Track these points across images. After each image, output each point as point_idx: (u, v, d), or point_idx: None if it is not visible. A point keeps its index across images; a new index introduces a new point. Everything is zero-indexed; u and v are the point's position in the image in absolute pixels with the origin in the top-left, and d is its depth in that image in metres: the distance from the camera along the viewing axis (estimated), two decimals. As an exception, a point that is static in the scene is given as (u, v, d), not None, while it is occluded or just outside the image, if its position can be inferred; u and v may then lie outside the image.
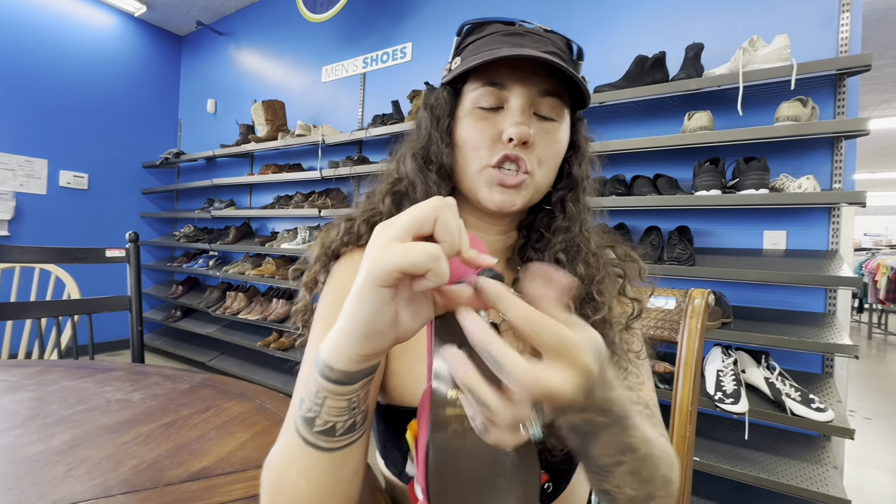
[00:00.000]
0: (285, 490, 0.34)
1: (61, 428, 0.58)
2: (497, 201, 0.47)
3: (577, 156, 0.53)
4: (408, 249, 0.26)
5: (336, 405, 0.32)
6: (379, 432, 0.53)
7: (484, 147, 0.47)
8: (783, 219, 1.58)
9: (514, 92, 0.47)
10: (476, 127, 0.48)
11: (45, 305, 1.22)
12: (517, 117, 0.46)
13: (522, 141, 0.45)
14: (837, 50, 1.50)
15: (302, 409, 0.33)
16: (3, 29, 3.09)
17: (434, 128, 0.51)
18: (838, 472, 1.34)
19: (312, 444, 0.33)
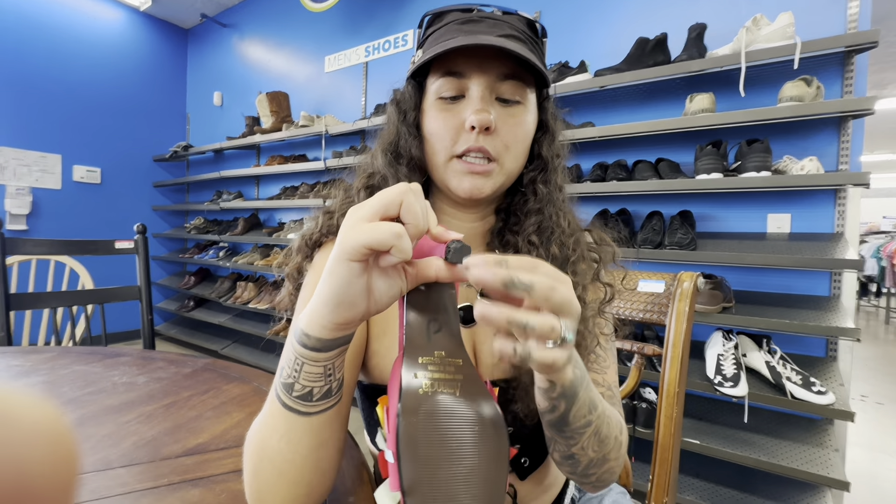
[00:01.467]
0: (267, 455, 0.37)
1: (70, 408, 0.61)
2: (467, 188, 0.48)
3: (547, 136, 0.53)
4: (374, 228, 0.29)
5: (313, 371, 0.34)
6: (364, 410, 0.55)
7: (448, 137, 0.48)
8: (787, 202, 1.56)
9: (473, 80, 0.47)
10: (439, 118, 0.49)
11: (59, 296, 1.27)
12: (477, 105, 0.46)
13: (484, 127, 0.46)
14: (846, 26, 1.46)
15: (282, 376, 0.35)
16: (15, 27, 3.15)
17: (401, 122, 0.52)
18: (839, 455, 1.34)
19: (292, 409, 0.35)
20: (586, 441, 0.41)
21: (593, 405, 0.40)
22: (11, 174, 3.14)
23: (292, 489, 0.37)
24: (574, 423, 0.39)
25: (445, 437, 0.30)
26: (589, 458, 0.43)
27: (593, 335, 0.50)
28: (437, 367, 0.32)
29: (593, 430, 0.41)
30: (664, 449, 0.74)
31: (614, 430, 0.44)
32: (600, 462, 0.44)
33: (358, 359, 0.50)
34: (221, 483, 0.45)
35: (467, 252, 0.32)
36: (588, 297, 0.51)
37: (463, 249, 0.32)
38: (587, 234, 0.58)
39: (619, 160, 1.77)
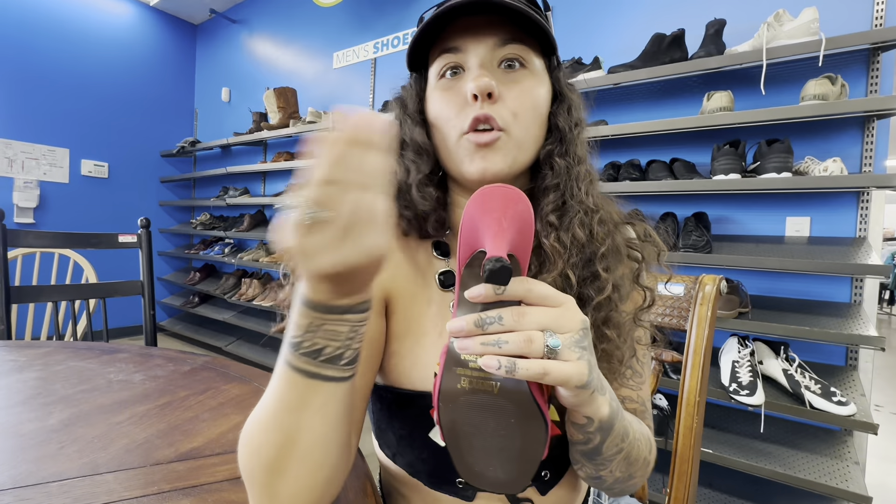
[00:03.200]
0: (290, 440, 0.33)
1: (60, 407, 0.59)
2: (478, 168, 0.44)
3: (562, 106, 0.48)
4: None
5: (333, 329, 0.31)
6: (374, 413, 0.52)
7: (453, 115, 0.45)
8: (807, 204, 1.51)
9: (470, 51, 0.45)
10: (443, 98, 0.46)
11: (61, 289, 1.25)
12: (475, 72, 0.43)
13: (486, 93, 0.42)
14: (872, 23, 1.40)
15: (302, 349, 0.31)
16: (25, 22, 3.16)
17: (404, 112, 0.50)
18: (860, 468, 1.29)
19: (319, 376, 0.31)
20: (615, 465, 0.39)
21: (626, 433, 0.38)
22: (20, 167, 3.15)
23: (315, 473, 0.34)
24: (606, 453, 0.38)
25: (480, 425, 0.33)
26: (615, 477, 0.41)
27: (629, 345, 0.45)
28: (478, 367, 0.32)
29: (623, 456, 0.39)
30: (683, 461, 0.70)
31: (643, 452, 0.42)
32: (625, 479, 0.42)
33: (375, 361, 0.47)
34: (215, 493, 0.42)
35: (506, 274, 0.28)
36: (625, 301, 0.46)
37: (502, 272, 0.28)
38: (629, 227, 0.52)
39: (632, 159, 1.72)
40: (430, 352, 0.46)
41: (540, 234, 0.45)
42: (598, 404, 0.34)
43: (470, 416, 0.33)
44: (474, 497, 0.46)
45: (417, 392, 0.46)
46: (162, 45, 3.98)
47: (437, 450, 0.46)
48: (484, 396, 0.32)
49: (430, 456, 0.47)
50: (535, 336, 0.29)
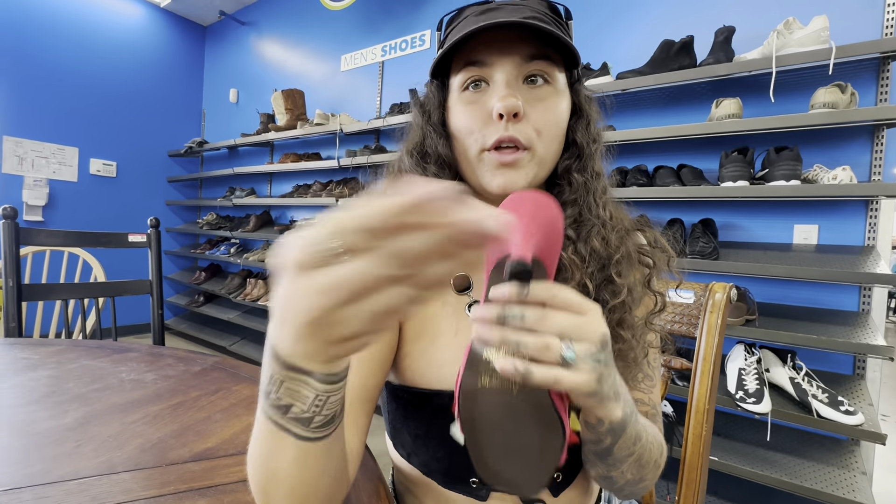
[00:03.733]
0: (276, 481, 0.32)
1: (74, 405, 0.59)
2: (500, 183, 0.45)
3: (581, 121, 0.49)
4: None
5: (336, 398, 0.29)
6: (389, 413, 0.52)
7: (476, 130, 0.45)
8: (816, 212, 1.50)
9: (495, 66, 0.44)
10: (466, 112, 0.46)
11: (70, 287, 1.26)
12: (502, 91, 0.43)
13: (512, 113, 0.42)
14: (882, 31, 1.40)
15: (292, 413, 0.28)
16: (36, 21, 3.19)
17: (426, 122, 0.50)
18: (867, 479, 1.28)
19: (309, 439, 0.29)
20: (626, 467, 0.40)
21: (638, 437, 0.39)
22: (30, 165, 3.18)
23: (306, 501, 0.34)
24: (618, 454, 0.38)
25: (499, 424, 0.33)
26: (626, 479, 0.42)
27: (641, 347, 0.46)
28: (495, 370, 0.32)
29: (635, 458, 0.40)
30: (692, 469, 0.70)
31: (654, 455, 0.43)
32: (636, 482, 0.43)
33: (386, 362, 0.47)
34: (230, 493, 0.42)
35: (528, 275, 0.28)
36: (638, 305, 0.47)
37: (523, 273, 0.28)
38: (640, 234, 0.53)
39: (640, 165, 1.72)
40: (445, 352, 0.47)
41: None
42: (609, 408, 0.34)
43: (489, 415, 0.33)
44: (488, 497, 0.47)
45: (434, 391, 0.46)
46: (171, 46, 4.01)
47: (452, 449, 0.47)
48: (503, 396, 0.33)
49: (446, 455, 0.47)
50: (553, 344, 0.30)
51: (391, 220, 0.19)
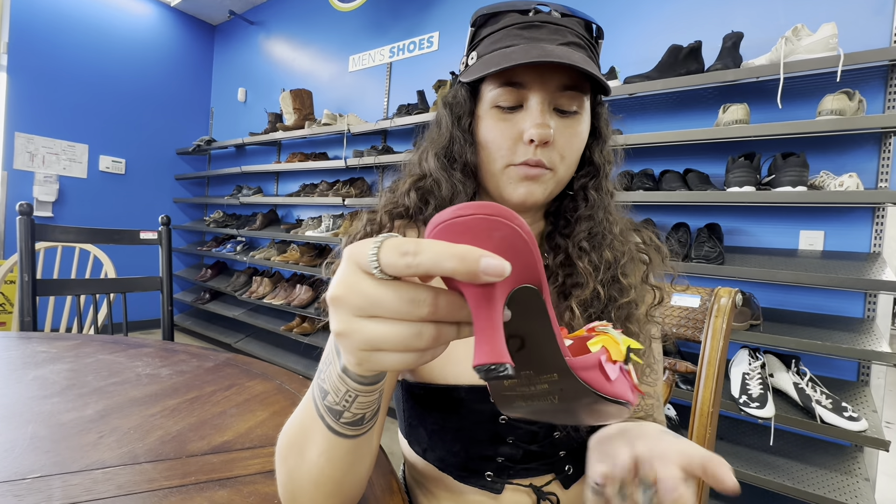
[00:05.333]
0: (305, 468, 0.35)
1: (95, 398, 0.61)
2: (521, 194, 0.47)
3: (599, 142, 0.52)
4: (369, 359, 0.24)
5: (366, 401, 0.31)
6: (405, 411, 0.54)
7: (505, 147, 0.47)
8: (822, 218, 1.50)
9: (534, 91, 0.46)
10: (497, 128, 0.47)
11: (82, 283, 1.28)
12: (537, 118, 0.45)
13: (543, 142, 0.45)
14: (891, 39, 1.40)
15: (327, 400, 0.31)
16: (48, 19, 3.23)
17: (455, 127, 0.50)
18: (870, 485, 1.28)
19: (338, 433, 0.32)
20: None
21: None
22: (40, 162, 3.22)
23: (327, 499, 0.36)
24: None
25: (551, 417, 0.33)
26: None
27: (646, 339, 0.49)
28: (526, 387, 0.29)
29: None
30: (695, 471, 0.71)
31: None
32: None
33: None
34: (249, 485, 0.44)
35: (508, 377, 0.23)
36: (642, 301, 0.51)
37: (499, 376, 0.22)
38: (635, 233, 0.57)
39: (646, 169, 1.73)
40: (459, 348, 0.47)
41: (572, 256, 0.49)
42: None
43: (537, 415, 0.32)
44: (502, 490, 0.48)
45: (450, 386, 0.48)
46: (181, 45, 4.05)
47: (468, 443, 0.48)
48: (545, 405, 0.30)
49: (462, 449, 0.49)
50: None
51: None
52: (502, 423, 0.47)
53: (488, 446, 0.48)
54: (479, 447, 0.48)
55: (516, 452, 0.48)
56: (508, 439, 0.48)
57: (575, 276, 0.49)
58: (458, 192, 0.50)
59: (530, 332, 0.28)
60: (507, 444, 0.48)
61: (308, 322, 2.79)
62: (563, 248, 0.51)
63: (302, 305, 2.74)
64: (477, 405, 0.47)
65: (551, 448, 0.49)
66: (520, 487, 0.49)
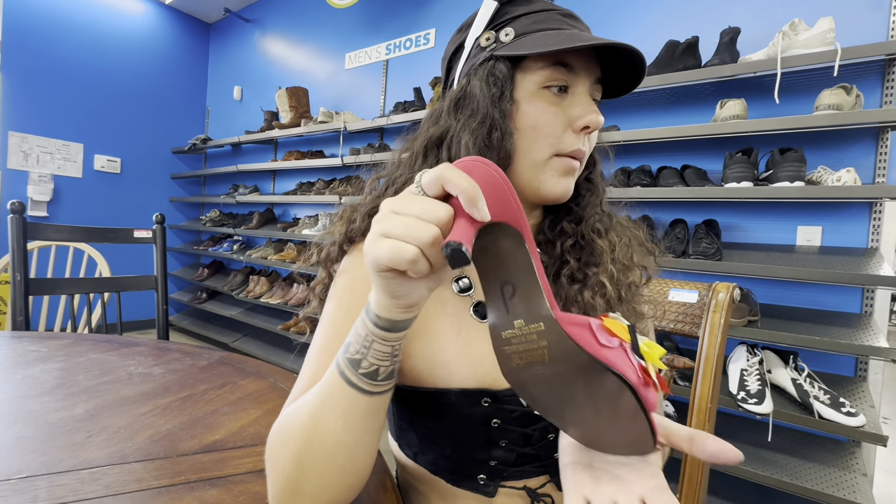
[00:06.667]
0: (319, 437, 0.35)
1: (85, 397, 0.60)
2: (562, 189, 0.47)
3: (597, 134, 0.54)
4: (391, 248, 0.28)
5: (381, 350, 0.34)
6: (394, 413, 0.53)
7: (554, 134, 0.45)
8: (819, 214, 1.50)
9: (582, 77, 0.45)
10: (550, 112, 0.45)
11: (77, 282, 1.27)
12: (591, 104, 0.45)
13: (594, 130, 0.45)
14: (888, 34, 1.40)
15: (349, 351, 0.34)
16: (42, 17, 3.21)
17: (495, 107, 0.45)
18: (868, 480, 1.28)
19: (356, 386, 0.34)
20: None
21: None
22: (35, 161, 3.20)
23: (339, 477, 0.36)
24: None
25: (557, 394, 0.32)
26: None
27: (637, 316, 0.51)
28: (520, 340, 0.32)
29: None
30: (693, 469, 0.70)
31: None
32: None
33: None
34: (240, 484, 0.43)
35: (461, 256, 0.26)
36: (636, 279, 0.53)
37: (456, 254, 0.26)
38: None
39: (643, 165, 1.73)
40: (448, 351, 0.47)
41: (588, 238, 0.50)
42: None
43: (542, 389, 0.33)
44: (496, 493, 0.47)
45: (440, 390, 0.46)
46: (176, 43, 4.02)
47: (460, 447, 0.47)
48: (541, 367, 0.32)
49: (453, 452, 0.47)
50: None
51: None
52: (495, 426, 0.46)
53: (481, 450, 0.47)
54: (472, 451, 0.47)
55: (510, 455, 0.47)
56: (501, 442, 0.46)
57: (591, 255, 0.49)
58: None
59: (518, 277, 0.32)
60: (500, 447, 0.47)
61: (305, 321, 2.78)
62: (574, 233, 0.50)
63: (299, 304, 2.73)
64: (468, 409, 0.46)
65: (546, 450, 0.48)
66: (513, 490, 0.47)
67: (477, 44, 0.48)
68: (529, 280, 0.32)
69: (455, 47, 0.52)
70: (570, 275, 0.49)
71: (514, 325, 0.32)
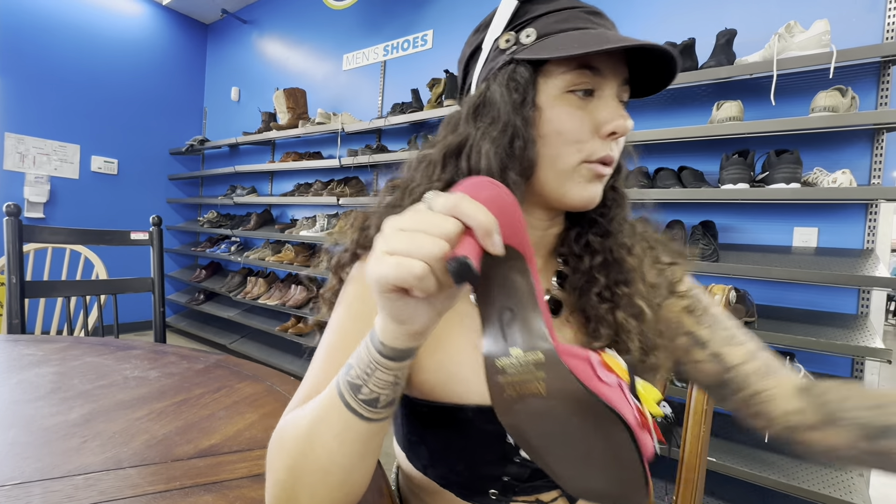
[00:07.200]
0: (314, 452, 0.34)
1: (80, 402, 0.60)
2: (589, 195, 0.44)
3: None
4: (396, 265, 0.27)
5: (384, 378, 0.33)
6: (404, 426, 0.51)
7: (582, 140, 0.43)
8: (815, 215, 1.51)
9: (609, 79, 0.43)
10: (577, 116, 0.43)
11: (73, 284, 1.27)
12: (620, 108, 0.43)
13: (622, 135, 0.43)
14: (883, 36, 1.41)
15: (350, 374, 0.34)
16: (39, 18, 3.20)
17: (517, 114, 0.42)
18: (864, 481, 1.29)
19: (353, 410, 0.33)
20: None
21: None
22: (31, 162, 3.18)
23: (333, 492, 0.35)
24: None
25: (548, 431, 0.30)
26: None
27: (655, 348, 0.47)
28: (515, 370, 0.30)
29: None
30: (690, 469, 0.71)
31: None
32: None
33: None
34: (235, 489, 0.43)
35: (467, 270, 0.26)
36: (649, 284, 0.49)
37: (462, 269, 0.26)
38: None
39: (640, 167, 1.73)
40: (466, 366, 0.45)
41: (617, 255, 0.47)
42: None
43: (533, 426, 0.30)
44: None
45: (457, 406, 0.45)
46: (173, 44, 4.01)
47: (473, 463, 0.46)
48: (535, 401, 0.30)
49: (466, 468, 0.46)
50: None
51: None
52: (510, 442, 0.45)
53: (495, 466, 0.46)
54: (485, 467, 0.46)
55: (523, 471, 0.46)
56: (515, 459, 0.45)
57: (620, 272, 0.47)
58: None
59: (519, 304, 0.31)
60: (515, 463, 0.45)
61: (303, 322, 2.78)
62: (602, 248, 0.47)
63: (297, 306, 2.72)
64: (485, 425, 0.44)
65: None
66: None
67: (496, 45, 0.45)
68: (530, 307, 0.30)
69: (472, 49, 0.48)
70: (599, 293, 0.46)
71: (510, 354, 0.30)
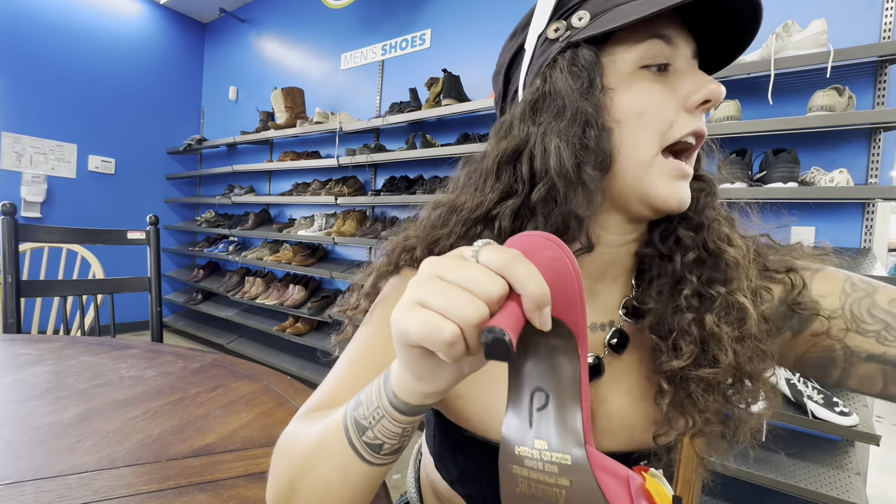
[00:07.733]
0: (312, 477, 0.33)
1: (75, 401, 0.60)
2: (680, 195, 0.38)
3: None
4: (426, 326, 0.24)
5: (390, 428, 0.31)
6: (435, 436, 0.50)
7: (667, 119, 0.37)
8: (813, 214, 1.51)
9: (682, 48, 0.38)
10: (658, 92, 0.37)
11: (69, 284, 1.26)
12: (704, 75, 0.37)
13: (716, 103, 0.37)
14: (880, 36, 1.41)
15: (357, 411, 0.31)
16: (36, 17, 3.18)
17: (586, 101, 0.37)
18: (861, 479, 1.29)
19: (356, 450, 0.31)
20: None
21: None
22: (28, 162, 3.17)
23: None
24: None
25: None
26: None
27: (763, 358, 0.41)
28: (535, 465, 0.26)
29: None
30: (687, 468, 0.71)
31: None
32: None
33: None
34: (230, 488, 0.43)
35: (502, 347, 0.22)
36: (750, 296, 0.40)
37: (496, 345, 0.22)
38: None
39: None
40: (501, 401, 0.42)
41: (720, 248, 0.41)
42: None
43: None
44: None
45: (487, 440, 0.43)
46: (171, 43, 4.00)
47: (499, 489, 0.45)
48: None
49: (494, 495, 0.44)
50: None
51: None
52: None
53: None
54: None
55: None
56: None
57: (716, 270, 0.40)
58: (587, 203, 0.37)
59: (557, 389, 0.26)
60: None
61: (301, 322, 2.77)
62: (695, 243, 0.41)
63: (295, 305, 2.72)
64: None
65: None
66: None
67: (544, 37, 0.40)
68: (569, 398, 0.26)
69: (512, 54, 0.44)
70: (687, 298, 0.40)
71: (533, 444, 0.26)
